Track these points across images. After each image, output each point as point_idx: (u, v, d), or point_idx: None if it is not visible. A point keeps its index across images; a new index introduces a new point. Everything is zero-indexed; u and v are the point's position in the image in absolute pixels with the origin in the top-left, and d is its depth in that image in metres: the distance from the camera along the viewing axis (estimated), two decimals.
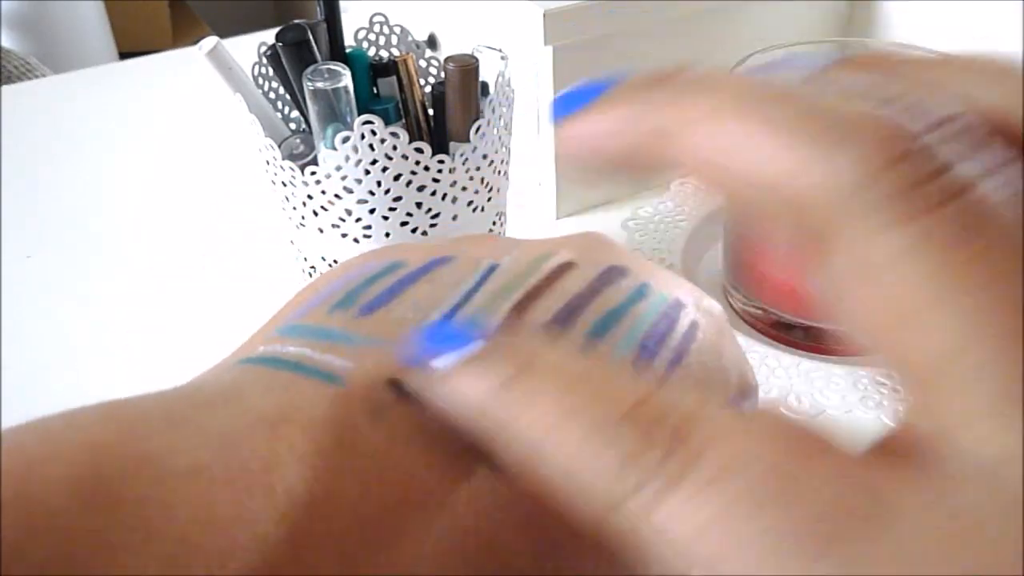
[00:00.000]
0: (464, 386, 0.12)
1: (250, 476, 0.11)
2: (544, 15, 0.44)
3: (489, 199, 0.39)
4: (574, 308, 0.15)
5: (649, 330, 0.15)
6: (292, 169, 0.37)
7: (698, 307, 0.17)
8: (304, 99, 0.36)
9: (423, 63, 0.44)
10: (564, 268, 0.16)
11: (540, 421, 0.11)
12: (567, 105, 0.13)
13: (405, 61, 0.39)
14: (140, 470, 0.11)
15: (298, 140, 0.41)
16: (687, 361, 0.15)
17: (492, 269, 0.16)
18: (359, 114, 0.35)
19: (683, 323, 0.16)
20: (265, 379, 0.13)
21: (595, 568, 0.13)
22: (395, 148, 0.35)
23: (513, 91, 0.39)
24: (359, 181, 0.36)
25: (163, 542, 0.10)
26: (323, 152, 0.36)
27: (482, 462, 0.12)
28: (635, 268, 0.17)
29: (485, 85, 0.38)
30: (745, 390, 0.17)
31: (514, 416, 0.11)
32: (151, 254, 0.52)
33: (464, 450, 0.12)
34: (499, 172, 0.40)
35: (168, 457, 0.11)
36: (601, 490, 0.10)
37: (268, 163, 0.38)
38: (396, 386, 0.13)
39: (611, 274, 0.16)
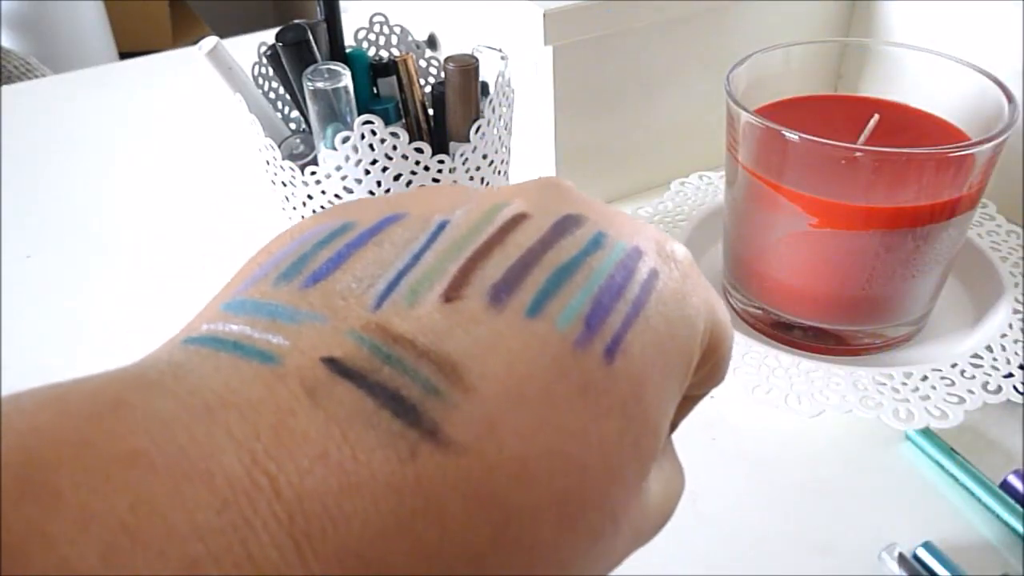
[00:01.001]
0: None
1: (188, 462, 0.11)
2: (544, 15, 0.44)
3: None
4: (526, 263, 0.15)
5: (604, 283, 0.15)
6: (292, 169, 0.37)
7: (660, 253, 0.16)
8: (304, 99, 0.36)
9: (423, 63, 0.44)
10: (517, 220, 0.16)
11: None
12: None
13: (405, 61, 0.39)
14: (78, 456, 0.11)
15: (298, 140, 0.41)
16: (646, 313, 0.15)
17: (442, 226, 0.15)
18: (359, 114, 0.35)
19: (641, 272, 0.15)
20: (206, 360, 0.13)
21: (555, 538, 0.13)
22: (395, 148, 0.35)
23: (513, 91, 0.39)
24: (359, 181, 0.36)
25: (101, 530, 0.10)
26: (323, 152, 0.36)
27: (427, 440, 0.12)
28: (592, 215, 0.16)
29: (485, 85, 0.38)
30: (718, 335, 0.17)
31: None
32: (151, 254, 0.52)
33: (407, 428, 0.12)
34: (499, 172, 0.40)
35: (107, 442, 0.11)
36: None
37: (268, 163, 0.38)
38: (334, 364, 0.13)
39: (566, 223, 0.16)
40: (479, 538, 0.12)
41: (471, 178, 0.38)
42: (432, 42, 0.52)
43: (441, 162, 0.36)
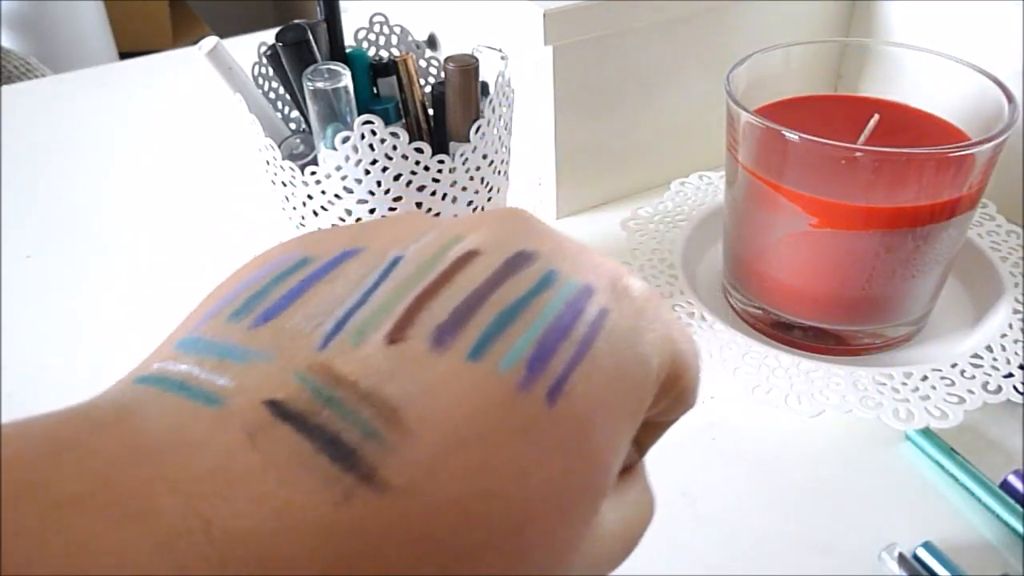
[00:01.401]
0: None
1: (127, 504, 0.11)
2: (544, 15, 0.44)
3: (489, 199, 0.39)
4: (472, 304, 0.15)
5: (551, 324, 0.15)
6: (292, 169, 0.37)
7: (613, 289, 0.16)
8: (304, 99, 0.36)
9: (423, 63, 0.44)
10: (468, 257, 0.15)
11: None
12: None
13: (405, 61, 0.39)
14: (19, 500, 0.11)
15: (298, 140, 0.41)
16: (593, 353, 0.15)
17: (396, 262, 0.15)
18: (359, 114, 0.35)
19: (590, 311, 0.15)
20: (152, 401, 0.13)
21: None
22: (395, 148, 0.35)
23: (513, 91, 0.39)
24: (359, 181, 0.36)
25: (37, 573, 0.10)
26: (323, 152, 0.36)
27: (364, 483, 0.12)
28: (546, 251, 0.16)
29: (485, 85, 0.38)
30: (679, 366, 0.17)
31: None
32: (151, 254, 0.52)
33: (343, 472, 0.12)
34: (499, 172, 0.40)
35: (49, 486, 0.11)
36: None
37: (268, 163, 0.38)
38: (276, 406, 0.13)
39: (517, 261, 0.15)
40: None
41: (471, 178, 0.38)
42: (432, 42, 0.52)
43: (441, 162, 0.36)
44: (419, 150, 0.35)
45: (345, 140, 0.35)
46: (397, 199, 0.36)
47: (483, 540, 0.13)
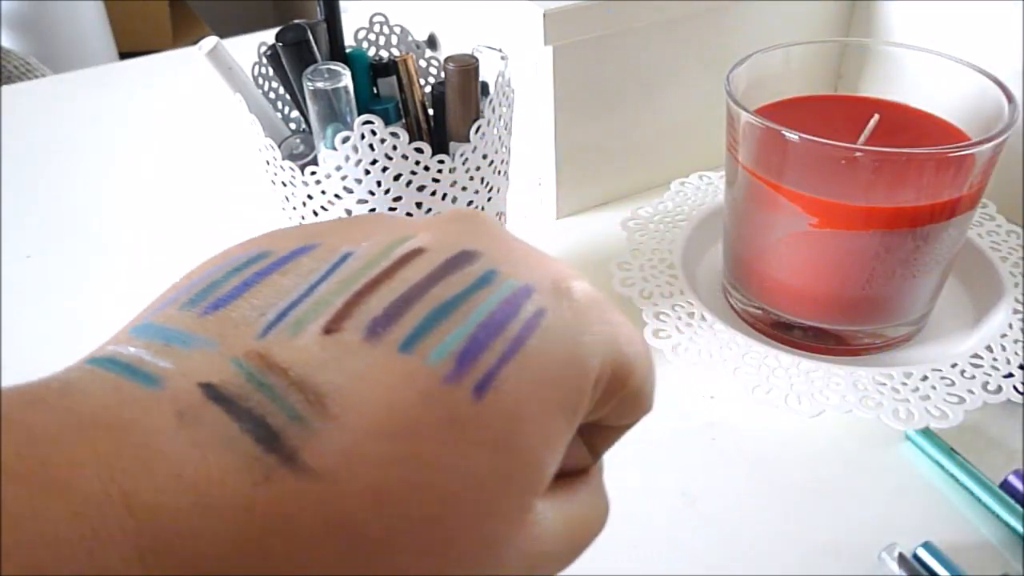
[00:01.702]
0: None
1: (47, 473, 0.12)
2: (544, 15, 0.44)
3: (489, 199, 0.39)
4: (408, 299, 0.15)
5: (484, 320, 0.15)
6: (292, 169, 0.37)
7: (554, 291, 0.16)
8: (304, 99, 0.36)
9: (423, 63, 0.44)
10: (413, 254, 0.16)
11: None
12: None
13: (405, 61, 0.39)
14: None
15: (298, 140, 0.41)
16: (525, 351, 0.15)
17: (345, 257, 0.16)
18: (359, 114, 0.35)
19: (527, 310, 0.15)
20: (96, 380, 0.14)
21: (416, 564, 0.13)
22: (395, 148, 0.35)
23: (513, 91, 0.39)
24: (359, 181, 0.36)
25: None
26: (323, 152, 0.36)
27: (284, 465, 0.13)
28: (491, 251, 0.16)
29: (485, 85, 0.38)
30: (625, 368, 0.17)
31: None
32: (151, 254, 0.52)
33: (265, 453, 0.13)
34: (499, 172, 0.40)
35: None
36: None
37: (268, 163, 0.38)
38: (210, 389, 0.13)
39: (459, 259, 0.16)
40: (328, 561, 0.13)
41: (471, 178, 0.38)
42: (432, 42, 0.52)
43: (441, 162, 0.36)
44: (419, 150, 0.35)
45: (345, 140, 0.35)
46: (397, 199, 0.36)
47: (401, 528, 0.13)
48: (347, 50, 0.40)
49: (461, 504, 0.14)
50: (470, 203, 0.38)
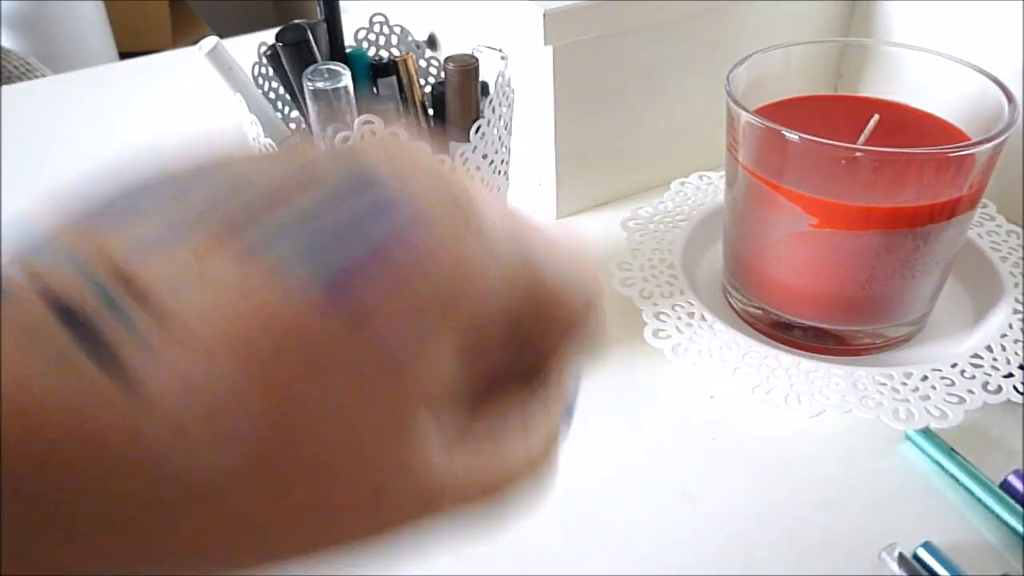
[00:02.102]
0: None
1: None
2: (544, 15, 0.44)
3: None
4: (302, 221, 0.14)
5: (354, 239, 0.14)
6: None
7: (457, 221, 0.15)
8: (304, 99, 0.36)
9: (423, 63, 0.44)
10: (316, 180, 0.15)
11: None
12: None
13: (405, 61, 0.39)
14: None
15: (298, 140, 0.41)
16: (406, 273, 0.14)
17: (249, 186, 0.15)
18: (359, 114, 0.35)
19: (412, 237, 0.15)
20: None
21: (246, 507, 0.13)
22: None
23: (513, 91, 0.39)
24: None
25: None
26: None
27: (117, 380, 0.12)
28: (395, 180, 0.15)
29: (485, 85, 0.38)
30: (537, 303, 0.17)
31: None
32: None
33: (99, 369, 0.12)
34: (499, 172, 0.40)
35: None
36: None
37: None
38: (53, 297, 0.13)
39: (359, 187, 0.15)
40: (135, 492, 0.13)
41: (471, 178, 0.38)
42: (432, 42, 0.52)
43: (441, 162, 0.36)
44: None
45: (345, 140, 0.35)
46: None
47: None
48: (347, 50, 0.40)
49: (320, 434, 0.13)
50: None
